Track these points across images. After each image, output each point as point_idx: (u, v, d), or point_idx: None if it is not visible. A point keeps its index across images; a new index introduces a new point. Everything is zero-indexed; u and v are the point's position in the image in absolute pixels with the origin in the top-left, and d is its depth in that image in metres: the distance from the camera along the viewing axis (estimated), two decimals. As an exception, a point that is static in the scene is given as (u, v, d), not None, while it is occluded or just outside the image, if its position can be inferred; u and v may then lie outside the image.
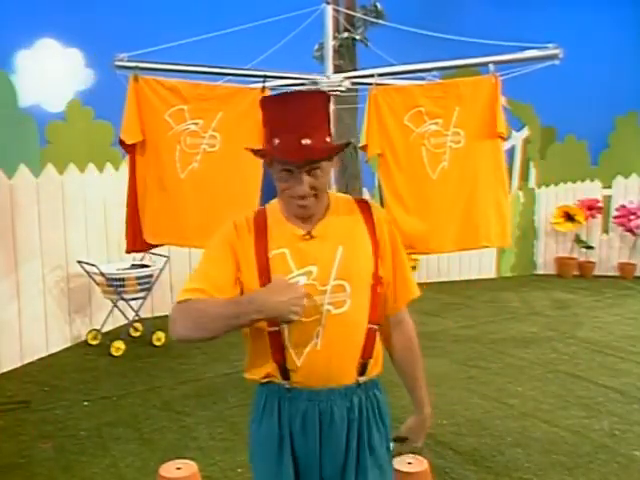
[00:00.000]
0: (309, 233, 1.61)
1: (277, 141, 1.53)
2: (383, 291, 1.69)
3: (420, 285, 1.89)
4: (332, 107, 4.18)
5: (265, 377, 1.64)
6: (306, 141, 1.51)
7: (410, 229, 4.09)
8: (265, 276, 1.58)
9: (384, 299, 1.70)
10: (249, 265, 1.61)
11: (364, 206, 1.69)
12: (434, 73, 4.37)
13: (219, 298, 1.53)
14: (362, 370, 1.63)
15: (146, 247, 4.28)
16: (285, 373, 1.60)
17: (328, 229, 1.63)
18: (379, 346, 1.70)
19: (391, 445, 1.74)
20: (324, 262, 1.59)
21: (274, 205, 1.68)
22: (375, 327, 1.65)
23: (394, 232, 1.73)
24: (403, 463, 2.53)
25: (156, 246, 4.35)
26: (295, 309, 1.45)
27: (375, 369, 1.68)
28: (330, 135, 1.59)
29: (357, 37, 6.90)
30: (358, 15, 6.91)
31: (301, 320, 1.53)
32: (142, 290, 5.43)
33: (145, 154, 3.92)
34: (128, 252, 4.33)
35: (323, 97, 1.61)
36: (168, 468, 2.57)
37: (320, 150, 1.54)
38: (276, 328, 1.59)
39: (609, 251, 8.49)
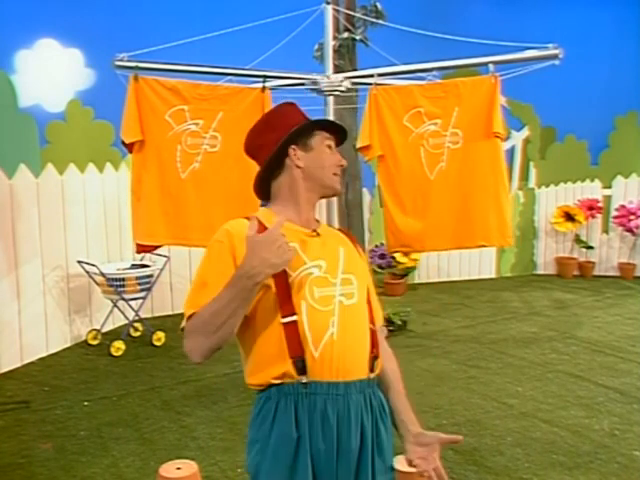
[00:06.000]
0: (315, 230, 1.71)
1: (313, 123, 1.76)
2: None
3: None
4: (332, 107, 4.22)
5: (278, 377, 1.58)
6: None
7: (408, 229, 4.11)
8: None
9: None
10: None
11: (348, 233, 1.87)
12: (434, 73, 4.37)
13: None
14: (372, 366, 1.65)
15: (155, 247, 4.29)
16: (302, 368, 1.56)
17: (328, 233, 1.77)
18: None
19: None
20: (331, 258, 1.68)
21: (265, 212, 1.73)
22: (374, 328, 1.70)
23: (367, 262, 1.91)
24: (402, 462, 2.52)
25: (160, 246, 4.35)
26: (285, 256, 1.45)
27: (378, 368, 1.70)
28: None
29: (357, 37, 6.89)
30: (358, 15, 6.91)
31: (318, 309, 1.58)
32: (142, 290, 5.43)
33: (143, 154, 3.92)
34: (138, 252, 4.32)
35: None
36: (168, 468, 2.56)
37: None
38: (293, 318, 1.57)
39: (609, 251, 8.49)
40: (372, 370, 1.65)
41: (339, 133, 1.80)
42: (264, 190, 1.79)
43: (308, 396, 1.57)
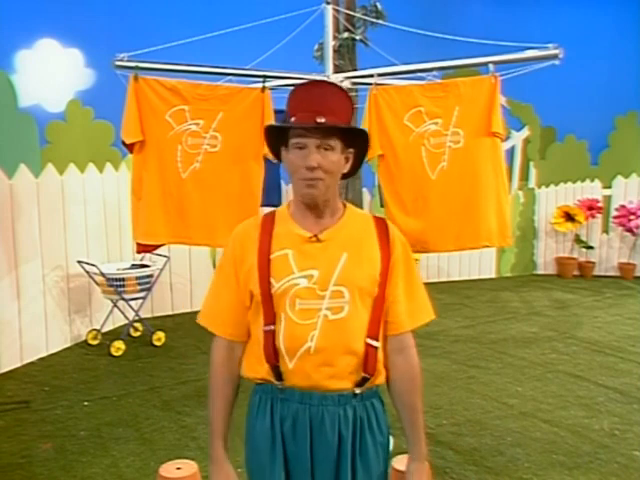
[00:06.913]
0: (316, 236, 1.59)
1: (293, 119, 1.56)
2: (386, 309, 1.63)
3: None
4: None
5: (259, 378, 1.65)
6: (321, 119, 1.51)
7: (409, 229, 4.09)
8: (265, 278, 1.58)
9: (387, 317, 1.64)
10: (251, 267, 1.61)
11: (381, 223, 1.67)
12: (434, 73, 4.36)
13: (222, 394, 1.80)
14: (360, 383, 1.60)
15: (156, 247, 4.28)
16: (278, 375, 1.60)
17: (336, 235, 1.61)
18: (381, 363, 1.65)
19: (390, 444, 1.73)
20: (326, 267, 1.58)
21: (283, 209, 1.69)
22: (374, 344, 1.60)
23: (409, 253, 1.69)
24: (402, 462, 2.52)
25: (161, 246, 4.34)
26: None
27: (376, 380, 1.64)
28: (348, 122, 1.60)
29: (357, 37, 6.90)
30: (358, 15, 6.91)
31: (297, 322, 1.56)
32: (142, 290, 5.43)
33: (144, 154, 3.92)
34: (139, 252, 4.33)
35: (343, 89, 1.64)
36: (168, 468, 2.57)
37: (332, 123, 1.54)
38: (271, 327, 1.59)
39: (609, 251, 8.50)
40: (360, 386, 1.60)
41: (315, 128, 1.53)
42: None
43: (283, 400, 1.61)
